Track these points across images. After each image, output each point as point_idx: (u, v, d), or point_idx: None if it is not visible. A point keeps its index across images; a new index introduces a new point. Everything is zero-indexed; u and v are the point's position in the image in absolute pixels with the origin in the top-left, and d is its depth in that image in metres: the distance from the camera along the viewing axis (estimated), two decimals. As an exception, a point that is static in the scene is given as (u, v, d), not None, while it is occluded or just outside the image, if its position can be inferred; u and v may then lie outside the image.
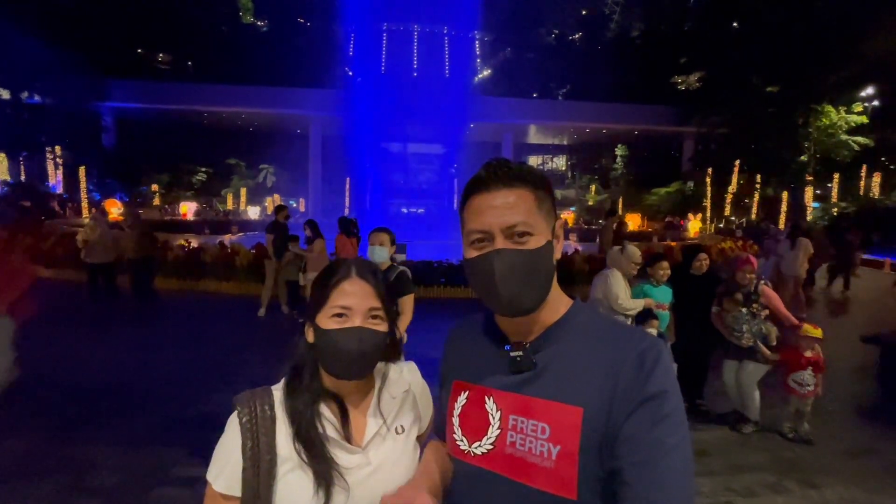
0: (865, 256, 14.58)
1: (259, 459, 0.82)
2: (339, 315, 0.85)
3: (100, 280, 7.28)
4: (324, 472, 0.81)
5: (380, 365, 0.94)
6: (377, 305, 0.88)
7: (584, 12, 34.65)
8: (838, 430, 3.70)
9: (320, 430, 0.84)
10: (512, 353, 0.77)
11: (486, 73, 32.79)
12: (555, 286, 0.79)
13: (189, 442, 3.21)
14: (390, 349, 0.92)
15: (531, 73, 31.09)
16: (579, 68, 30.02)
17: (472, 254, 0.76)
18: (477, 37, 28.62)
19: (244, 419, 0.84)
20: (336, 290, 0.86)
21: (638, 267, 3.72)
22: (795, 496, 2.83)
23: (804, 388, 3.44)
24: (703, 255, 4.00)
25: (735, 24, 26.65)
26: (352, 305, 0.85)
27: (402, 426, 0.93)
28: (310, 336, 0.90)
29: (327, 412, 0.87)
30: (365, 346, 0.84)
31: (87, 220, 18.43)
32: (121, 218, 18.37)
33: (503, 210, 0.73)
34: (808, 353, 3.46)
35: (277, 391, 0.89)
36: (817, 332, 3.45)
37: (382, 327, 0.88)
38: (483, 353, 0.84)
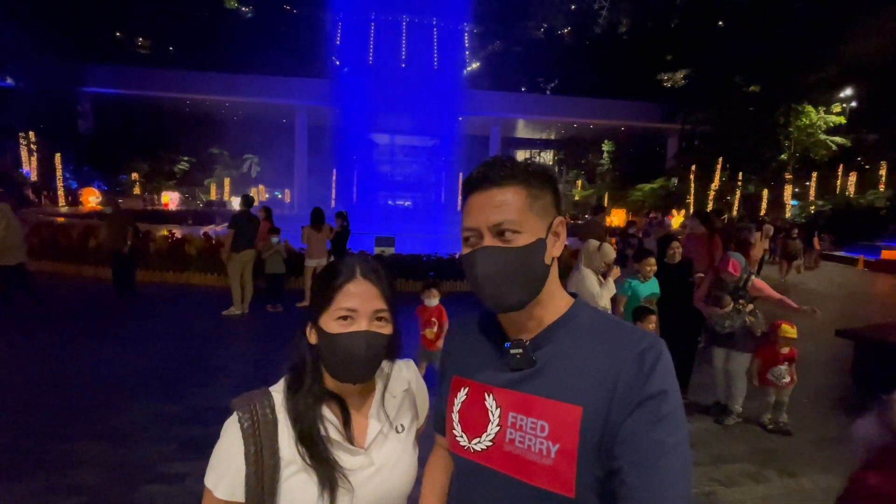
0: (840, 253, 15.08)
1: (262, 464, 0.80)
2: (345, 318, 0.83)
3: (7, 284, 6.05)
4: (328, 474, 0.81)
5: (381, 364, 0.93)
6: (383, 307, 0.86)
7: (572, 7, 34.69)
8: (814, 421, 3.84)
9: (323, 432, 0.84)
10: (512, 351, 0.76)
11: (475, 65, 32.65)
12: (555, 283, 0.79)
13: (175, 437, 3.15)
14: (391, 348, 0.91)
15: (519, 67, 31.08)
16: (567, 63, 30.12)
17: (465, 251, 0.78)
18: (466, 29, 28.42)
19: (245, 424, 0.81)
20: (341, 291, 0.84)
21: (609, 267, 3.74)
22: (775, 485, 2.94)
23: (781, 380, 3.56)
24: (675, 244, 4.06)
25: (720, 23, 27.03)
26: (357, 307, 0.83)
27: (402, 425, 0.94)
28: (312, 337, 0.87)
29: (329, 414, 0.86)
30: (371, 350, 0.83)
31: (63, 209, 17.89)
32: (99, 207, 17.83)
33: (491, 209, 0.74)
34: (785, 350, 3.57)
35: (277, 393, 0.87)
36: (793, 332, 3.55)
37: (387, 329, 0.86)
38: (483, 349, 0.84)
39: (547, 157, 33.21)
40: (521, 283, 0.74)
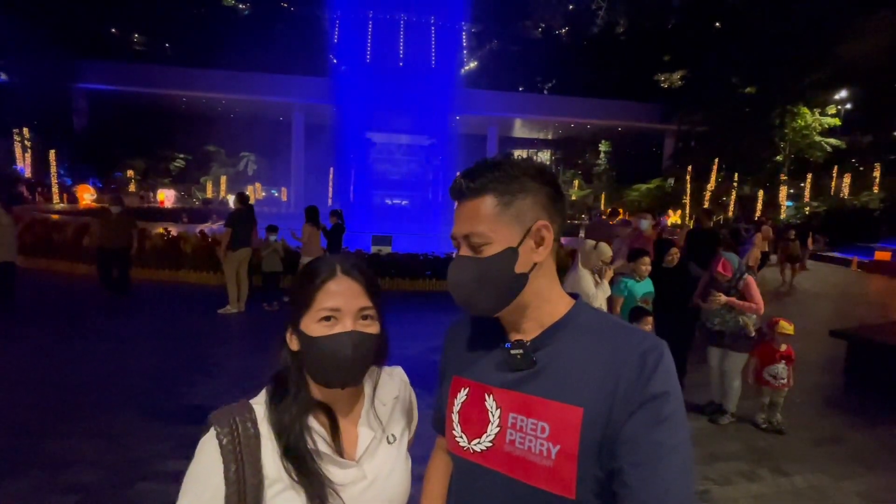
0: (834, 254, 15.19)
1: (244, 483, 0.74)
2: (327, 318, 0.78)
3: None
4: (317, 490, 0.75)
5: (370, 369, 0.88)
6: (368, 304, 0.81)
7: (570, 7, 34.75)
8: (807, 421, 3.87)
9: (310, 445, 0.78)
10: (512, 351, 0.76)
11: (473, 65, 32.64)
12: (549, 286, 0.79)
13: (170, 436, 3.15)
14: (379, 350, 0.85)
15: (517, 67, 31.10)
16: (565, 63, 30.19)
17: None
18: (464, 28, 28.38)
19: (224, 440, 0.75)
20: (321, 290, 0.78)
21: (606, 265, 3.76)
22: (767, 483, 2.96)
23: (778, 380, 3.59)
24: (673, 249, 4.10)
25: (717, 25, 27.15)
26: (340, 307, 0.78)
27: (393, 435, 0.89)
28: (293, 344, 0.81)
29: (316, 425, 0.80)
30: (359, 351, 0.78)
31: (58, 206, 17.74)
32: (95, 204, 17.71)
33: (463, 220, 0.76)
34: (782, 348, 3.61)
35: (258, 405, 0.81)
36: (790, 329, 3.59)
37: (374, 328, 0.82)
38: (483, 349, 0.83)
39: (544, 157, 33.27)
40: (488, 293, 0.75)
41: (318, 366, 0.78)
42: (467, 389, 0.82)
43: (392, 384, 0.94)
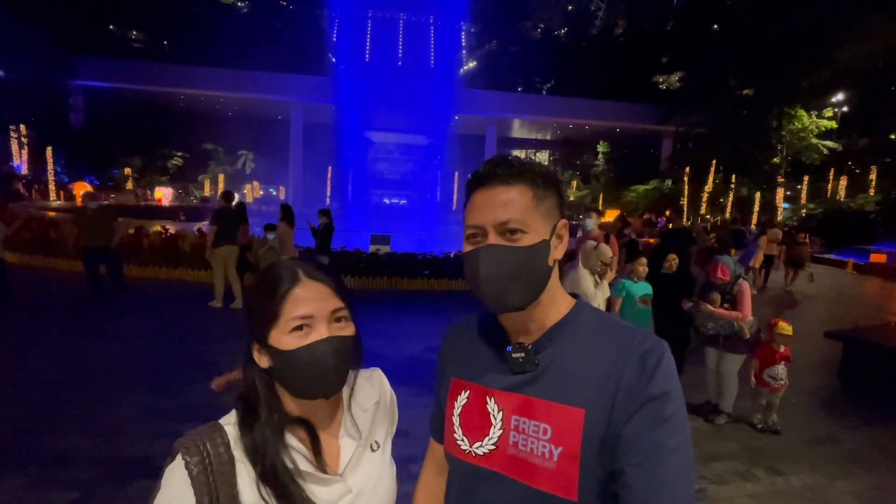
0: (830, 256, 15.28)
1: None
2: (300, 328, 0.72)
3: None
4: None
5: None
6: (340, 305, 0.76)
7: (569, 8, 34.80)
8: (802, 421, 3.90)
9: (290, 465, 0.72)
10: (514, 354, 0.76)
11: (472, 65, 32.67)
12: (556, 286, 0.78)
13: (168, 433, 3.13)
14: (355, 352, 0.79)
15: (516, 67, 31.13)
16: (564, 64, 30.22)
17: (466, 248, 0.75)
18: (463, 28, 28.39)
19: (195, 469, 0.68)
20: (288, 299, 0.73)
21: (606, 266, 3.78)
22: (763, 483, 2.98)
23: (777, 381, 3.61)
24: (671, 256, 4.11)
25: (715, 27, 27.26)
26: (312, 312, 0.72)
27: (376, 442, 0.85)
28: (262, 361, 0.75)
29: (294, 441, 0.75)
30: (339, 357, 0.73)
31: (55, 203, 17.64)
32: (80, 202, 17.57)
33: (497, 207, 0.72)
34: (781, 349, 3.64)
35: (230, 426, 0.74)
36: (789, 330, 3.62)
37: (349, 329, 0.77)
38: (484, 352, 0.82)
39: (542, 158, 33.31)
40: (524, 284, 0.72)
41: (297, 380, 0.73)
42: (468, 392, 0.82)
43: (371, 388, 0.89)
